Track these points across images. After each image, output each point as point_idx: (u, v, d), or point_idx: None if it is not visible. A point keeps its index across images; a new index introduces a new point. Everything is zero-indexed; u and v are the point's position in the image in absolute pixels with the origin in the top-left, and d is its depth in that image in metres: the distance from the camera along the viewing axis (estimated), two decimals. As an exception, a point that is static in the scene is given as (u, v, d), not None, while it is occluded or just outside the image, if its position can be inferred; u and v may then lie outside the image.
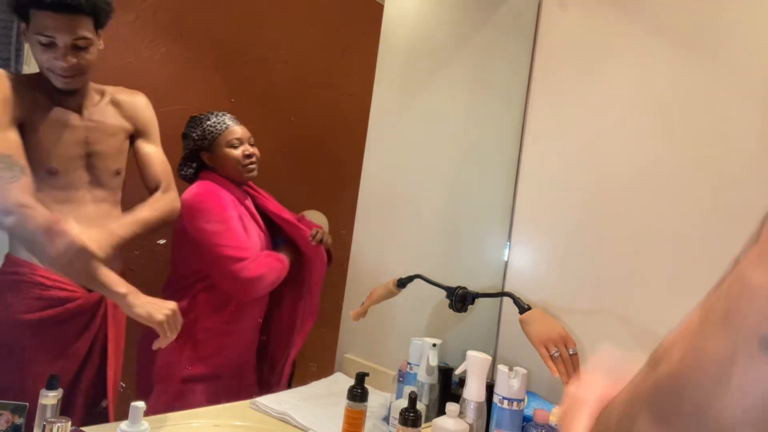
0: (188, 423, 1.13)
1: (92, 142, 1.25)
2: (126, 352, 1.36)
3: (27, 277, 1.18)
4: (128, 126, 1.32)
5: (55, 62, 1.14)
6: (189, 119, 1.56)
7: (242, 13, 1.79)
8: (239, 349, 1.59)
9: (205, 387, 1.48)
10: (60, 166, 1.19)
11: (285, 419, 1.20)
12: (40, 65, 1.16)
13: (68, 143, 1.21)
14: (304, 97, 1.94)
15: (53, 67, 1.15)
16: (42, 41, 1.12)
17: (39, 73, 1.19)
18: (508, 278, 1.55)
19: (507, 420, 1.14)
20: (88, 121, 1.25)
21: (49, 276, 1.19)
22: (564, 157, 1.49)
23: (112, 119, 1.29)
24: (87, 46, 1.16)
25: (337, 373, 1.61)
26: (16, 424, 0.96)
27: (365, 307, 1.48)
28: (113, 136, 1.29)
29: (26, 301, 1.18)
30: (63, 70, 1.15)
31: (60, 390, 0.99)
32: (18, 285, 1.18)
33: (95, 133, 1.25)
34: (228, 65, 1.76)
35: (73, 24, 1.13)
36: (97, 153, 1.25)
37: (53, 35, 1.11)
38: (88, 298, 1.24)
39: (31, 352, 1.18)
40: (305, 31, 1.94)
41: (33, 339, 1.18)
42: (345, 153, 1.92)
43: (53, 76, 1.16)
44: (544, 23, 1.57)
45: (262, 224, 1.61)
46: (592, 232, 1.41)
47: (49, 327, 1.19)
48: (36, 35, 1.12)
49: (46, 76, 1.17)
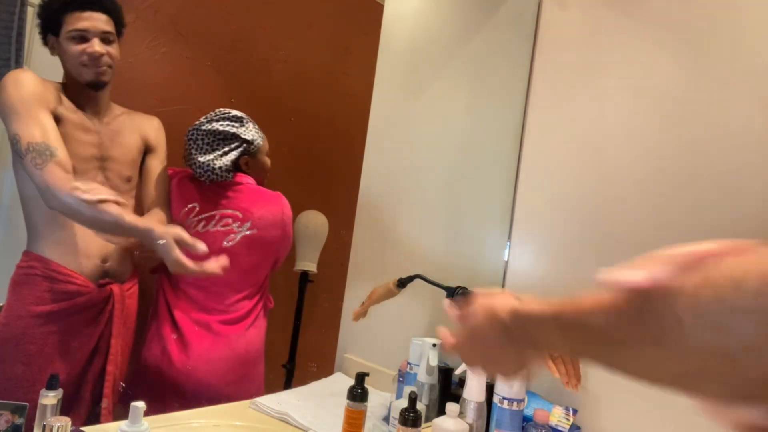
0: (188, 423, 1.13)
1: (107, 147, 1.34)
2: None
3: (39, 270, 1.24)
4: (140, 143, 1.43)
5: (88, 51, 1.26)
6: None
7: (242, 14, 1.79)
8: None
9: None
10: (79, 166, 1.26)
11: (285, 419, 1.20)
12: (71, 63, 1.27)
13: (86, 144, 1.29)
14: (304, 97, 1.94)
15: (86, 56, 1.26)
16: (74, 36, 1.25)
17: (63, 82, 1.30)
18: (508, 278, 1.55)
19: (507, 420, 1.14)
20: (104, 127, 1.35)
21: (61, 270, 1.25)
22: (564, 157, 1.49)
23: (127, 131, 1.40)
24: (112, 41, 1.30)
25: (337, 373, 1.61)
26: (16, 424, 0.96)
27: (365, 307, 1.49)
28: (127, 146, 1.39)
29: (37, 294, 1.23)
30: (95, 58, 1.27)
31: (60, 390, 0.99)
32: (32, 279, 1.24)
33: (110, 139, 1.35)
34: (228, 65, 1.76)
35: (100, 20, 1.28)
36: (111, 157, 1.34)
37: (85, 28, 1.25)
38: (97, 293, 1.29)
39: (41, 344, 1.23)
40: (305, 31, 1.94)
41: (43, 330, 1.23)
42: (345, 153, 1.92)
43: (85, 69, 1.27)
44: (544, 23, 1.57)
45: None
46: (591, 232, 1.41)
47: (59, 319, 1.25)
48: (68, 35, 1.25)
49: (76, 76, 1.28)
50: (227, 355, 1.47)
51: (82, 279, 1.27)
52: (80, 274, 1.27)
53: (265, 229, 1.52)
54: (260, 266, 1.55)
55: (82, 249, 1.28)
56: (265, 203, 1.54)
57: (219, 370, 1.45)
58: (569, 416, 1.25)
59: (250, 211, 1.51)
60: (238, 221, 1.49)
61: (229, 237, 1.49)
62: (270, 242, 1.54)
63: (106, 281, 1.31)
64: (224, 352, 1.47)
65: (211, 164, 1.46)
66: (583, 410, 1.31)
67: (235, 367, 1.48)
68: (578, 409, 1.29)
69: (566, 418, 1.25)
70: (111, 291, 1.31)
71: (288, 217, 1.58)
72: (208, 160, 1.47)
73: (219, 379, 1.44)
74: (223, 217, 1.50)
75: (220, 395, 1.39)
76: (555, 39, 1.56)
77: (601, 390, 1.31)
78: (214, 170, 1.47)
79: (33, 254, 1.25)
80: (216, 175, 1.47)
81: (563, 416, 1.25)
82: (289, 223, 1.59)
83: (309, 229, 1.91)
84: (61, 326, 1.25)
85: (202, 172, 1.47)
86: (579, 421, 1.31)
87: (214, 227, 1.48)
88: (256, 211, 1.52)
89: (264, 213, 1.53)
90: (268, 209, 1.54)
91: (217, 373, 1.45)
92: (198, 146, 1.48)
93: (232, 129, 1.49)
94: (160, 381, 1.41)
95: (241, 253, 1.48)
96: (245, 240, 1.49)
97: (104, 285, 1.31)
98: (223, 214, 1.50)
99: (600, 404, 1.31)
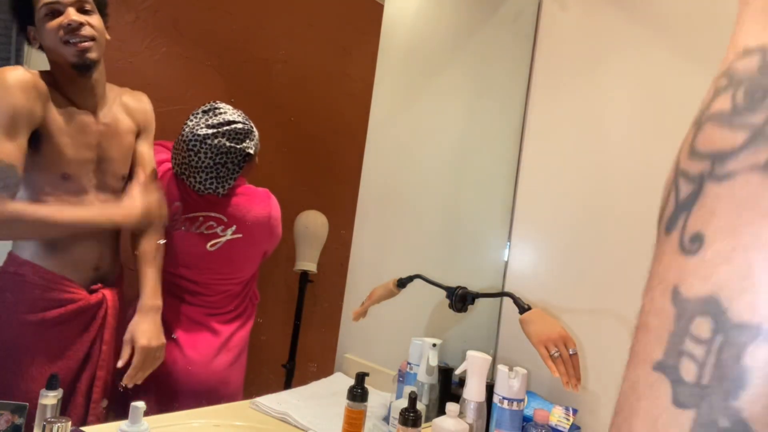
0: (188, 423, 1.13)
1: (104, 148, 1.26)
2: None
3: (29, 278, 1.19)
4: (134, 127, 1.34)
5: (64, 23, 1.13)
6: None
7: (242, 13, 1.79)
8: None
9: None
10: (74, 172, 1.20)
11: (285, 419, 1.20)
12: (51, 45, 1.15)
13: (82, 148, 1.21)
14: (304, 97, 1.94)
15: (62, 30, 1.14)
16: (46, 13, 1.12)
17: (52, 70, 1.18)
18: (508, 278, 1.55)
19: (507, 420, 1.14)
20: (102, 125, 1.25)
21: (53, 278, 1.20)
22: (564, 157, 1.49)
23: (122, 120, 1.30)
24: (90, 10, 1.17)
25: (337, 373, 1.61)
26: (16, 424, 0.96)
27: (365, 307, 1.49)
28: (123, 139, 1.30)
29: (28, 302, 1.18)
30: (73, 29, 1.13)
31: (60, 390, 1.00)
32: (20, 285, 1.19)
33: (107, 138, 1.27)
34: (228, 65, 1.76)
35: None
36: (108, 158, 1.27)
37: (56, 0, 1.12)
38: (88, 300, 1.24)
39: (32, 353, 1.18)
40: (305, 31, 1.94)
41: (34, 339, 1.19)
42: (345, 153, 1.92)
43: (66, 48, 1.15)
44: (544, 23, 1.58)
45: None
46: (592, 232, 1.41)
47: (50, 327, 1.20)
48: (41, 14, 1.13)
49: (60, 61, 1.16)
50: (215, 349, 1.46)
51: (75, 286, 1.22)
52: (73, 281, 1.22)
53: (251, 231, 1.48)
54: (245, 265, 1.53)
55: (74, 255, 1.24)
56: (252, 205, 1.50)
57: (207, 363, 1.44)
58: (569, 416, 1.25)
59: (235, 215, 1.46)
60: (223, 225, 1.46)
61: (212, 242, 1.44)
62: (256, 243, 1.52)
63: (98, 287, 1.28)
64: (213, 347, 1.45)
65: (215, 187, 1.41)
66: (583, 410, 1.31)
67: (222, 360, 1.47)
68: (578, 409, 1.29)
69: (566, 418, 1.25)
70: (104, 297, 1.27)
71: (275, 219, 1.55)
72: (210, 179, 1.40)
73: (207, 372, 1.43)
74: (207, 220, 1.45)
75: (208, 387, 1.39)
76: (555, 39, 1.56)
77: (601, 390, 1.31)
78: (215, 191, 1.42)
79: (21, 259, 1.19)
80: (217, 194, 1.43)
81: (563, 416, 1.25)
82: (277, 223, 1.56)
83: (309, 229, 1.90)
84: (54, 334, 1.20)
85: (202, 189, 1.41)
86: (579, 421, 1.31)
87: (197, 230, 1.45)
88: (242, 215, 1.47)
89: (250, 216, 1.49)
90: (255, 212, 1.50)
91: (206, 366, 1.43)
92: (200, 159, 1.39)
93: (240, 145, 1.42)
94: (150, 378, 1.40)
95: (224, 256, 1.46)
96: (229, 244, 1.46)
97: (95, 291, 1.27)
98: (207, 217, 1.45)
99: (600, 404, 1.31)
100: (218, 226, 1.45)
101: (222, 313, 1.49)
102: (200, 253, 1.42)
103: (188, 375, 1.41)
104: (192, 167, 1.39)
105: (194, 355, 1.43)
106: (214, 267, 1.45)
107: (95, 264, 1.28)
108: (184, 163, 1.40)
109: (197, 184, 1.41)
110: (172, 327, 1.43)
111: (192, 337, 1.45)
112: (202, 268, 1.45)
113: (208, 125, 1.40)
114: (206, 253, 1.44)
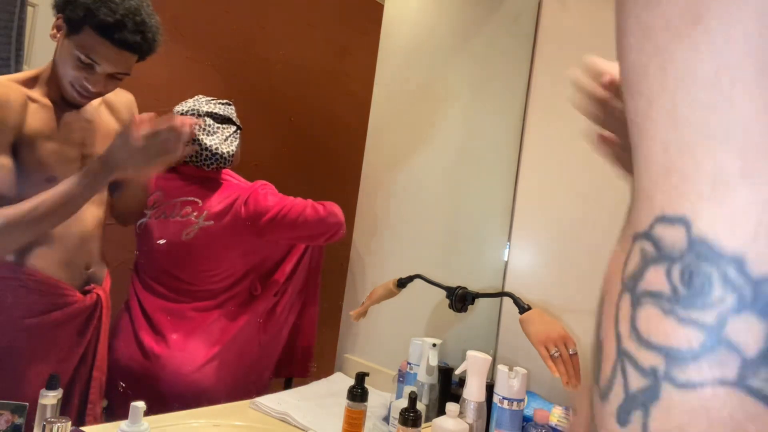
0: (188, 423, 1.13)
1: (88, 145, 1.23)
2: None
3: (24, 283, 1.17)
4: (117, 126, 1.31)
5: (85, 83, 1.11)
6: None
7: (242, 13, 1.79)
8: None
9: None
10: (59, 173, 1.17)
11: (285, 419, 1.20)
12: (63, 76, 1.12)
13: (66, 146, 1.19)
14: (304, 97, 1.94)
15: (80, 85, 1.11)
16: (82, 60, 1.08)
17: (40, 74, 1.15)
18: (508, 278, 1.55)
19: (507, 420, 1.14)
20: (85, 122, 1.23)
21: (47, 281, 1.19)
22: (564, 157, 1.49)
23: (106, 120, 1.29)
24: (122, 78, 1.15)
25: (337, 373, 1.61)
26: (16, 424, 0.96)
27: (365, 307, 1.48)
28: (106, 137, 1.26)
29: (25, 307, 1.17)
30: (87, 93, 1.12)
31: (60, 390, 1.00)
32: (16, 290, 1.17)
33: (91, 135, 1.24)
34: (228, 65, 1.76)
35: (122, 59, 1.12)
36: (93, 155, 1.24)
37: (98, 62, 1.09)
38: (84, 301, 1.24)
39: (28, 356, 1.17)
40: (305, 31, 1.94)
41: (29, 342, 1.18)
42: (345, 153, 1.92)
43: (71, 89, 1.12)
44: (544, 23, 1.58)
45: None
46: (592, 232, 1.41)
47: (46, 331, 1.19)
48: (78, 52, 1.09)
49: (59, 83, 1.13)
50: (203, 342, 1.44)
51: (70, 289, 1.21)
52: (66, 283, 1.21)
53: (220, 218, 1.45)
54: (223, 257, 1.49)
55: (66, 257, 1.22)
56: (228, 191, 1.48)
57: (195, 357, 1.43)
58: (569, 416, 1.25)
59: (208, 198, 1.46)
60: (197, 210, 1.45)
61: (187, 230, 1.44)
62: (228, 233, 1.46)
63: (91, 287, 1.27)
64: (200, 339, 1.44)
65: (219, 149, 1.44)
66: (583, 410, 1.31)
67: (212, 354, 1.46)
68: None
69: (566, 418, 1.25)
70: (98, 297, 1.26)
71: (255, 211, 1.47)
72: (215, 144, 1.43)
73: (194, 367, 1.42)
74: (184, 205, 1.45)
75: (197, 383, 1.38)
76: (555, 39, 1.56)
77: (601, 390, 1.31)
78: (222, 156, 1.44)
79: (15, 265, 1.16)
80: (224, 160, 1.45)
81: (563, 416, 1.25)
82: (258, 215, 1.47)
83: (309, 229, 1.90)
84: (49, 337, 1.20)
85: (209, 154, 1.43)
86: (579, 421, 1.31)
87: (174, 216, 1.45)
88: (215, 200, 1.46)
89: (223, 202, 1.47)
90: (229, 199, 1.47)
91: (193, 360, 1.42)
92: (200, 128, 1.43)
93: (227, 113, 1.48)
94: (135, 374, 1.40)
95: (200, 245, 1.45)
96: (203, 232, 1.44)
97: (89, 291, 1.26)
98: (184, 202, 1.46)
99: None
100: (193, 212, 1.45)
101: (208, 309, 1.48)
102: (178, 243, 1.42)
103: (176, 376, 1.40)
104: (197, 138, 1.44)
105: (182, 355, 1.42)
106: (192, 259, 1.45)
107: (86, 264, 1.27)
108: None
109: (205, 151, 1.43)
110: (160, 326, 1.43)
111: (180, 336, 1.44)
112: (181, 263, 1.45)
113: (190, 103, 1.49)
114: (182, 243, 1.43)
